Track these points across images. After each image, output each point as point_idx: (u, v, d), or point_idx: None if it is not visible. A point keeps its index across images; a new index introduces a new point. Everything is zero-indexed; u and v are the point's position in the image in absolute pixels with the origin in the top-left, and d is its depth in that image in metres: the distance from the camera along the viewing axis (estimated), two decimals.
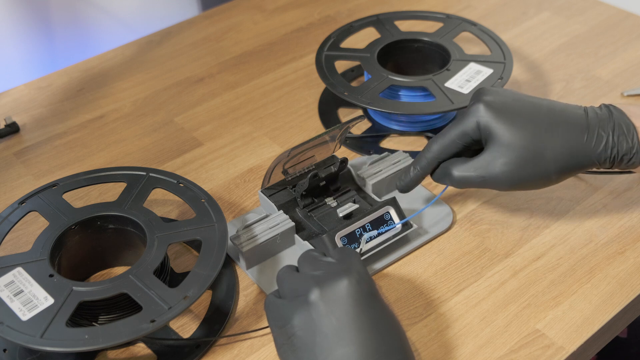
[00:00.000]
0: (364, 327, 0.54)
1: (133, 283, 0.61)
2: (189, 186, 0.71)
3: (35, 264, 0.63)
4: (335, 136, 0.73)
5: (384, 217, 0.70)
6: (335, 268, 0.58)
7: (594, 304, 0.66)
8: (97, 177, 0.73)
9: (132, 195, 0.70)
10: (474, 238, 0.73)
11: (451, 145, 0.69)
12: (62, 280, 0.62)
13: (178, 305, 0.59)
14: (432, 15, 0.97)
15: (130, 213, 0.68)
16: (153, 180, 0.72)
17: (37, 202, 0.70)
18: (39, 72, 1.13)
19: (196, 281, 0.61)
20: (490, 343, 0.63)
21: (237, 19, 1.12)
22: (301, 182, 0.72)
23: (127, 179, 0.72)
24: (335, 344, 0.53)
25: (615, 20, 1.07)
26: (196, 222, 0.67)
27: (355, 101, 0.82)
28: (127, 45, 1.07)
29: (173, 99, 0.96)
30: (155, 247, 0.65)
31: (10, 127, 0.90)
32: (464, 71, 0.85)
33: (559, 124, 0.66)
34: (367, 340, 0.53)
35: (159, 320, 0.58)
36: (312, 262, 0.60)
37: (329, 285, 0.56)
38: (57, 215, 0.68)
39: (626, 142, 0.65)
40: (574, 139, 0.65)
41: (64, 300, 0.60)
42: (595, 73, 0.96)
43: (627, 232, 0.73)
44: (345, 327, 0.54)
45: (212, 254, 0.64)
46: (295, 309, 0.56)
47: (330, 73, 0.87)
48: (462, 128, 0.68)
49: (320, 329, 0.54)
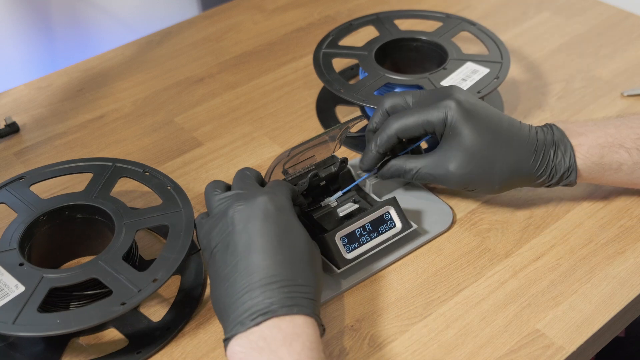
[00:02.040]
0: (273, 238, 0.59)
1: (102, 268, 0.63)
2: (155, 174, 0.73)
3: (5, 254, 0.65)
4: (335, 136, 0.73)
5: (384, 217, 0.70)
6: (259, 189, 0.63)
7: (594, 304, 0.66)
8: (64, 168, 0.74)
9: (99, 185, 0.72)
10: (474, 238, 0.73)
11: (413, 128, 0.70)
12: (32, 268, 0.63)
13: (147, 287, 0.61)
14: (432, 14, 0.97)
15: (97, 202, 0.69)
16: (119, 170, 0.73)
17: (4, 195, 0.71)
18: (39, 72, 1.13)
19: (164, 264, 0.63)
20: (490, 343, 0.63)
21: (237, 19, 1.12)
22: (301, 182, 0.72)
23: (94, 169, 0.74)
24: (244, 252, 0.58)
25: (615, 20, 1.07)
26: (162, 209, 0.69)
27: (350, 98, 0.82)
28: (127, 45, 1.07)
29: (173, 99, 0.96)
30: (124, 233, 0.66)
31: (10, 127, 0.90)
32: (460, 70, 0.85)
33: (514, 140, 0.69)
34: (273, 248, 0.58)
35: (129, 303, 0.59)
36: (240, 179, 0.65)
37: (245, 201, 0.61)
38: (25, 207, 0.69)
39: (564, 162, 0.70)
40: (523, 157, 0.69)
41: (35, 287, 0.61)
42: (595, 73, 0.96)
43: (627, 232, 0.73)
44: (254, 237, 0.59)
45: (179, 238, 0.65)
46: (216, 223, 0.61)
47: (328, 70, 0.87)
48: (429, 117, 0.69)
49: (233, 238, 0.59)
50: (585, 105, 0.91)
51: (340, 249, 0.68)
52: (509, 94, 0.93)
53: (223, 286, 0.58)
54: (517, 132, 0.70)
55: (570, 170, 0.70)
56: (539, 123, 0.87)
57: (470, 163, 0.69)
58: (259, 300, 0.56)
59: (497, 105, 0.90)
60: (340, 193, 0.73)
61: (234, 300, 0.57)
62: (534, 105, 0.91)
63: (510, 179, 0.70)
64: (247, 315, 0.56)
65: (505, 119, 0.70)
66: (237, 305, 0.56)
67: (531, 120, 0.89)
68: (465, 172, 0.69)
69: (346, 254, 0.68)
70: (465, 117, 0.68)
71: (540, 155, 0.69)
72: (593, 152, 0.70)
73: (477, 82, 0.83)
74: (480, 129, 0.68)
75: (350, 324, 0.65)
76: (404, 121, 0.70)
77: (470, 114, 0.69)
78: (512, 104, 0.91)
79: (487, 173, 0.69)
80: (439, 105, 0.69)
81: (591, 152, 0.70)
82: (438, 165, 0.70)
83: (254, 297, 0.56)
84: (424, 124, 0.69)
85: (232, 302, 0.57)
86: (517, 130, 0.70)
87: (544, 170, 0.70)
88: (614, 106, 0.90)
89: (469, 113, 0.69)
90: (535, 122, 0.88)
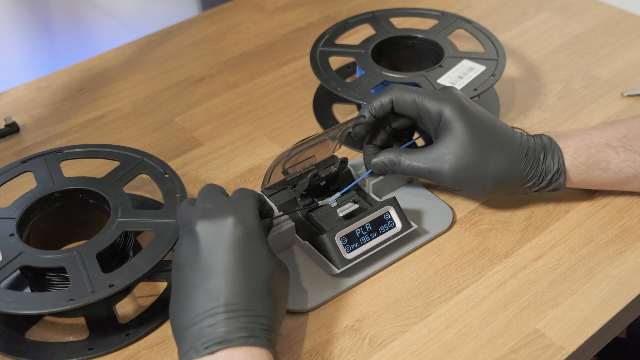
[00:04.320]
0: (237, 264, 0.57)
1: (74, 259, 0.63)
2: (173, 178, 0.72)
3: (4, 221, 0.66)
4: (335, 136, 0.73)
5: (384, 217, 0.70)
6: (226, 205, 0.60)
7: (594, 304, 0.66)
8: (96, 151, 0.76)
9: (119, 175, 0.72)
10: (474, 238, 0.73)
11: (409, 104, 0.71)
12: (17, 241, 0.64)
13: (101, 291, 0.61)
14: (427, 12, 0.97)
15: (106, 192, 0.70)
16: (143, 165, 0.74)
17: (36, 163, 0.73)
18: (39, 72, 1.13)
19: (128, 272, 0.62)
20: (490, 343, 0.63)
21: (237, 19, 1.12)
22: (301, 182, 0.72)
23: (122, 158, 0.74)
24: (206, 273, 0.57)
25: (615, 20, 1.07)
26: (160, 215, 0.68)
27: (347, 96, 0.82)
28: (127, 45, 1.07)
29: (173, 99, 0.96)
30: (112, 230, 0.66)
31: (10, 127, 0.90)
32: (457, 68, 0.85)
33: (507, 144, 0.70)
34: (236, 274, 0.57)
35: (77, 301, 0.60)
36: (207, 195, 0.62)
37: (213, 219, 0.59)
38: (46, 181, 0.71)
39: (553, 164, 0.71)
40: (515, 160, 0.70)
41: (9, 261, 0.62)
42: (595, 73, 0.96)
43: (627, 232, 0.73)
44: (218, 260, 0.57)
45: (156, 249, 0.64)
46: (183, 237, 0.60)
47: (324, 69, 0.87)
48: (428, 104, 0.70)
49: (198, 257, 0.58)
50: (585, 105, 0.91)
51: (340, 249, 0.68)
52: (508, 94, 0.93)
53: (182, 304, 0.57)
54: (510, 136, 0.71)
55: (559, 173, 0.71)
56: (538, 123, 0.88)
57: (465, 158, 0.69)
58: (215, 328, 0.55)
59: (493, 105, 0.91)
60: (339, 194, 0.73)
61: (190, 324, 0.56)
62: (534, 105, 0.91)
63: (502, 180, 0.70)
64: (202, 342, 0.54)
65: (499, 123, 0.72)
66: (194, 330, 0.55)
67: (531, 120, 0.89)
68: (460, 169, 0.69)
69: (346, 254, 0.68)
70: (463, 113, 0.69)
71: (531, 160, 0.70)
72: (580, 153, 0.71)
73: (474, 80, 0.83)
74: (476, 126, 0.69)
75: (350, 324, 0.65)
76: (404, 94, 0.71)
77: (467, 111, 0.70)
78: (512, 104, 0.91)
79: (480, 172, 0.70)
80: (439, 96, 0.70)
81: (578, 152, 0.71)
82: (432, 158, 0.70)
83: (212, 324, 0.55)
84: (420, 106, 0.70)
85: (189, 326, 0.56)
86: (510, 134, 0.71)
87: (534, 173, 0.71)
88: (613, 106, 0.90)
89: (467, 110, 0.70)
90: (535, 121, 0.88)
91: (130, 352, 0.64)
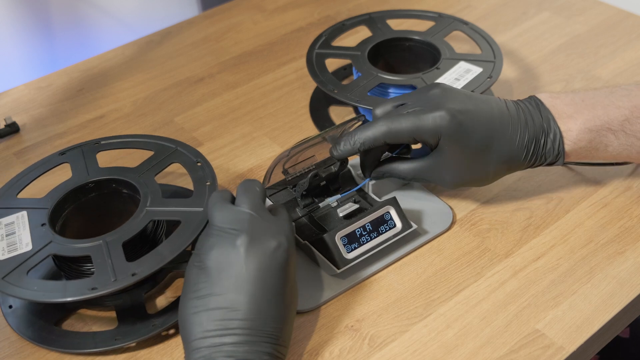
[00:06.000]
0: (264, 288, 0.57)
1: (100, 248, 0.63)
2: (204, 166, 0.72)
3: (37, 211, 0.66)
4: (335, 136, 0.73)
5: (384, 217, 0.70)
6: (269, 225, 0.60)
7: (594, 304, 0.66)
8: (131, 142, 0.76)
9: (151, 165, 0.72)
10: (474, 238, 0.73)
11: (402, 136, 0.68)
12: (48, 231, 0.64)
13: (123, 279, 0.60)
14: (424, 14, 0.97)
15: (138, 181, 0.70)
16: (176, 154, 0.74)
17: (74, 154, 0.74)
18: (39, 72, 1.13)
19: (151, 260, 0.62)
20: (490, 343, 0.63)
21: (237, 19, 1.12)
22: (301, 182, 0.72)
23: (156, 148, 0.75)
24: (232, 287, 0.57)
25: (615, 20, 1.07)
26: (188, 203, 0.67)
27: (343, 99, 0.82)
28: (127, 45, 1.07)
29: (173, 99, 0.96)
30: (139, 219, 0.66)
31: (10, 127, 0.90)
32: (454, 70, 0.85)
33: (507, 140, 0.69)
34: (257, 299, 0.57)
35: (99, 290, 0.59)
36: (251, 199, 0.61)
37: (258, 240, 0.58)
38: (82, 171, 0.71)
39: (553, 150, 0.70)
40: (515, 155, 0.70)
41: (38, 250, 0.62)
42: (595, 73, 0.96)
43: (627, 232, 0.73)
44: (247, 278, 0.57)
45: (182, 237, 0.64)
46: (219, 242, 0.58)
47: (321, 71, 0.87)
48: (422, 131, 0.67)
49: (229, 271, 0.57)
50: None
51: (340, 249, 0.68)
52: (507, 96, 0.93)
53: (197, 305, 0.57)
54: (508, 130, 0.69)
55: (558, 157, 0.71)
56: None
57: (467, 170, 0.70)
58: (227, 347, 0.55)
59: None
60: (339, 196, 0.73)
61: (202, 336, 0.56)
62: None
63: (502, 170, 0.71)
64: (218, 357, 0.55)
65: (496, 116, 0.69)
66: (205, 341, 0.55)
67: None
68: (461, 178, 0.71)
69: (346, 254, 0.68)
70: (460, 131, 0.67)
71: (532, 148, 0.70)
72: (582, 137, 0.70)
73: (471, 82, 0.83)
74: (475, 140, 0.68)
75: (350, 324, 0.65)
76: (395, 128, 0.68)
77: (464, 127, 0.67)
78: None
79: (482, 173, 0.70)
80: (431, 117, 0.67)
81: (580, 137, 0.70)
82: (433, 170, 0.70)
83: (225, 342, 0.55)
84: (415, 135, 0.68)
85: (201, 337, 0.56)
86: (508, 127, 0.69)
87: (534, 159, 0.71)
88: None
89: (463, 126, 0.67)
90: None
91: (155, 342, 0.65)
